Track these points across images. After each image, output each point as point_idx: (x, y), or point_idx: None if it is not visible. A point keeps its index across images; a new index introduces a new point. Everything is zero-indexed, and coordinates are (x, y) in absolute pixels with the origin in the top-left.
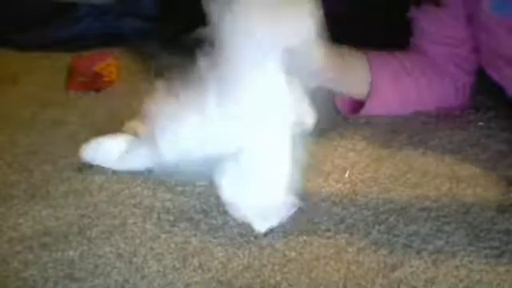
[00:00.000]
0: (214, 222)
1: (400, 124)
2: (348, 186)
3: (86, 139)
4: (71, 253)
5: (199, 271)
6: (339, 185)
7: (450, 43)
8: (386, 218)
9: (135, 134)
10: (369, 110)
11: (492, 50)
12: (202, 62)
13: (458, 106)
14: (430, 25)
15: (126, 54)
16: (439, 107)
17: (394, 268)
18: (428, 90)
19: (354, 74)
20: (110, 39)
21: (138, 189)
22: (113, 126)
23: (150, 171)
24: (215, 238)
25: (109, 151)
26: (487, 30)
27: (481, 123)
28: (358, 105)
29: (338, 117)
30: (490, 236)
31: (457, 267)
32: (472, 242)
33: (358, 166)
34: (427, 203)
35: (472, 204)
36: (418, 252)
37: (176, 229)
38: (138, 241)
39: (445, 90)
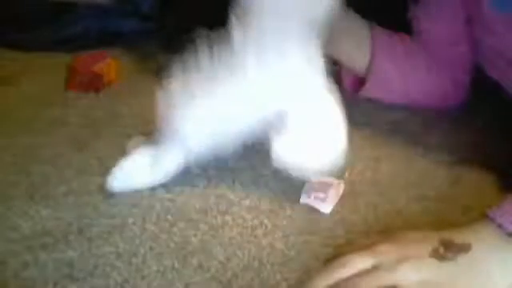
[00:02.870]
0: (214, 221)
1: (400, 124)
2: (348, 186)
3: (86, 139)
4: (71, 253)
5: (199, 271)
6: None
7: (450, 42)
8: (386, 218)
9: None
10: (370, 87)
11: (494, 51)
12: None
13: (457, 104)
14: (429, 24)
15: (125, 53)
16: (438, 105)
17: None
18: (427, 78)
19: (355, 40)
20: (109, 39)
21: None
22: (113, 126)
23: None
24: (215, 237)
25: (137, 173)
26: (489, 30)
27: (481, 123)
28: (360, 84)
29: None
30: None
31: None
32: None
33: (357, 165)
34: (427, 203)
35: (472, 204)
36: None
37: (175, 229)
38: (137, 241)
39: (444, 88)
